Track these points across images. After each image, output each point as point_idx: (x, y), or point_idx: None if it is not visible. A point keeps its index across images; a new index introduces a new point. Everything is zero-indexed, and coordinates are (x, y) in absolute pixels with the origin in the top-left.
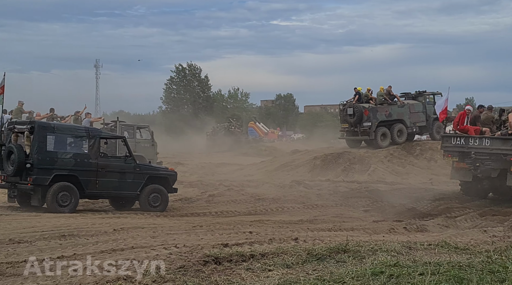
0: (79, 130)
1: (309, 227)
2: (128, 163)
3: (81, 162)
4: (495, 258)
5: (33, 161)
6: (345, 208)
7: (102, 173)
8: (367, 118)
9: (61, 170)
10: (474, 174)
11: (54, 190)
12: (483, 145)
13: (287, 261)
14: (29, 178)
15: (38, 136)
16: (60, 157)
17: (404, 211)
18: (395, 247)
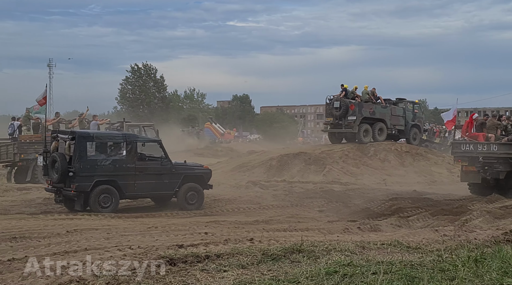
0: (116, 137)
1: (265, 227)
2: (164, 164)
3: (120, 167)
4: (446, 257)
5: (75, 169)
6: (300, 208)
7: (140, 176)
8: (352, 112)
9: (102, 176)
10: (483, 176)
11: (96, 193)
12: (491, 150)
13: (242, 262)
14: (72, 186)
15: (79, 145)
16: (100, 164)
17: (358, 211)
18: (349, 247)
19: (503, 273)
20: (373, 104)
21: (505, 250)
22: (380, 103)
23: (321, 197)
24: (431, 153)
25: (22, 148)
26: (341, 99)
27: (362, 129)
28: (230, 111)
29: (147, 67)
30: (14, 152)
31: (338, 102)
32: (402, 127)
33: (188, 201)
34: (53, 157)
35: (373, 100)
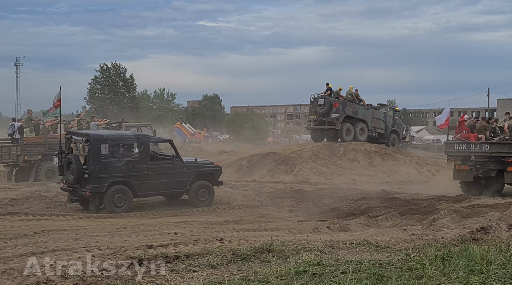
0: (129, 138)
1: (235, 227)
2: (176, 163)
3: (133, 168)
4: (414, 256)
5: (90, 171)
6: (270, 208)
7: (152, 175)
8: (336, 110)
9: (116, 177)
10: (475, 174)
11: (110, 193)
12: (484, 149)
13: (212, 262)
14: (87, 187)
15: (93, 147)
16: (113, 165)
17: (328, 211)
18: (319, 246)
19: (469, 271)
20: (356, 104)
21: (471, 249)
22: (363, 105)
23: (291, 197)
24: (400, 153)
25: (26, 150)
26: (325, 97)
27: (344, 127)
28: (200, 111)
29: (116, 67)
30: (18, 153)
31: (323, 100)
32: (382, 131)
33: (199, 198)
34: (68, 159)
35: (356, 101)
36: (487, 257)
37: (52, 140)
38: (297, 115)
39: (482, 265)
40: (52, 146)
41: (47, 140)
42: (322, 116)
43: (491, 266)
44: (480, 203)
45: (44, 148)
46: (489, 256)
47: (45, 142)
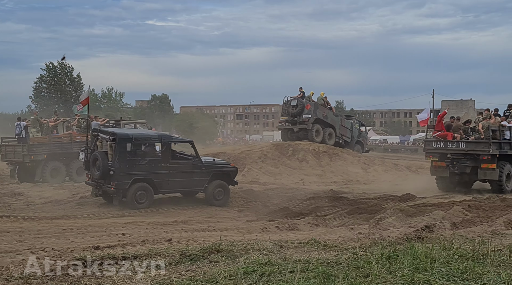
0: (153, 138)
1: (183, 228)
2: (195, 163)
3: (155, 166)
4: (361, 255)
5: (115, 168)
6: (219, 208)
7: (173, 174)
8: (308, 111)
9: (139, 175)
10: (451, 171)
11: (133, 190)
12: (460, 147)
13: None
14: (112, 183)
15: (119, 146)
16: (137, 163)
17: (277, 211)
18: (267, 246)
19: (414, 269)
20: (327, 109)
21: (416, 247)
22: (333, 111)
23: (240, 197)
24: (348, 153)
25: (32, 150)
26: (298, 99)
27: (314, 128)
28: (149, 111)
29: (63, 66)
30: (24, 153)
31: (296, 101)
32: (348, 140)
33: (216, 197)
34: (95, 156)
35: (326, 106)
36: (431, 255)
37: (56, 140)
38: (246, 115)
39: (426, 263)
40: (56, 146)
41: (52, 140)
42: (294, 116)
43: (435, 264)
44: (425, 202)
45: (49, 148)
46: (433, 254)
47: (50, 142)
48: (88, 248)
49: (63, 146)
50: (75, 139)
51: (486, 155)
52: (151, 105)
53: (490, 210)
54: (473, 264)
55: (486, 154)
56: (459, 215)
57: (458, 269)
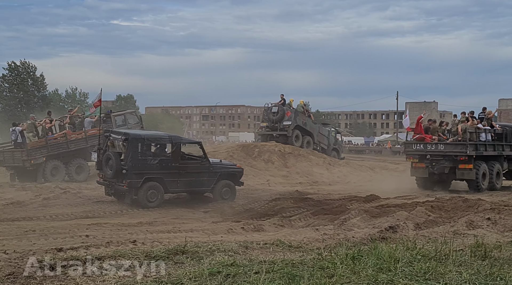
0: (163, 138)
1: (148, 229)
2: (203, 163)
3: (166, 166)
4: (325, 255)
5: (127, 167)
6: (185, 209)
7: (183, 174)
8: (288, 118)
9: (150, 174)
10: (430, 171)
11: (145, 189)
12: (439, 149)
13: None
14: (125, 181)
15: (131, 146)
16: (149, 162)
17: (242, 212)
18: (233, 247)
19: (378, 269)
20: (306, 117)
21: (380, 247)
22: (311, 119)
23: (205, 198)
24: (313, 154)
25: (31, 154)
26: (279, 106)
27: (294, 134)
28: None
29: (26, 65)
30: (23, 158)
31: (276, 108)
32: (325, 146)
33: (223, 196)
34: (108, 155)
35: (306, 114)
36: (395, 255)
37: (53, 141)
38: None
39: (390, 263)
40: (53, 147)
41: (48, 142)
42: (275, 122)
43: (399, 264)
44: (389, 203)
45: (47, 150)
46: (397, 254)
47: (47, 144)
48: (51, 250)
49: (59, 146)
50: (70, 138)
51: (464, 156)
52: (116, 105)
53: (452, 210)
54: (436, 264)
55: (463, 155)
56: (422, 216)
57: (421, 269)
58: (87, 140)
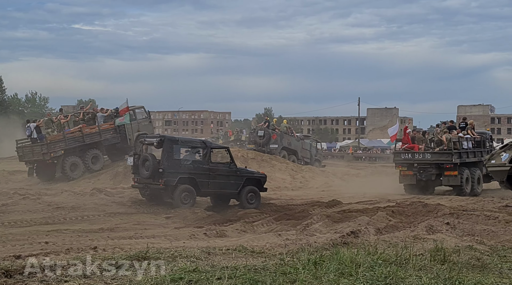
0: (195, 142)
1: (110, 235)
2: (231, 167)
3: (198, 167)
4: (288, 260)
5: (163, 167)
6: (147, 215)
7: (213, 176)
8: (274, 141)
9: (184, 174)
10: (418, 178)
11: (179, 191)
12: (426, 157)
13: (85, 271)
14: (160, 180)
15: (166, 147)
16: (182, 163)
17: (205, 217)
18: (195, 253)
19: (340, 274)
20: (290, 137)
21: (342, 252)
22: (294, 137)
23: (168, 203)
24: (276, 160)
25: (51, 147)
26: (265, 129)
27: (281, 155)
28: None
29: None
30: (43, 151)
31: (262, 131)
32: (308, 160)
33: (248, 201)
34: (145, 157)
35: (289, 133)
36: (356, 260)
37: (70, 135)
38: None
39: (351, 268)
40: (70, 140)
41: (66, 136)
42: (262, 146)
43: (360, 269)
44: (350, 208)
45: (65, 143)
46: (358, 259)
47: (64, 138)
48: (9, 257)
49: (76, 139)
50: (85, 132)
51: (450, 163)
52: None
53: (413, 215)
54: (396, 269)
55: (449, 163)
56: (383, 221)
57: (382, 273)
58: (101, 134)
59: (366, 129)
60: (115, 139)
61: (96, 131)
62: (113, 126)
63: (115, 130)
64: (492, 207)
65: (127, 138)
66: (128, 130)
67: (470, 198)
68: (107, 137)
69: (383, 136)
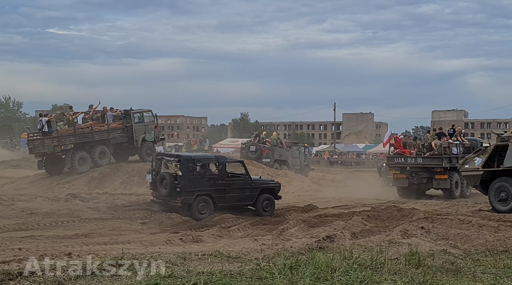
0: (210, 158)
1: (84, 241)
2: (246, 180)
3: (214, 183)
4: (264, 265)
5: (181, 185)
6: (122, 221)
7: (228, 190)
8: (266, 155)
9: (200, 191)
10: (410, 181)
11: (196, 203)
12: (418, 162)
13: (59, 278)
14: (178, 199)
15: (184, 166)
16: (199, 181)
17: (181, 223)
18: (171, 258)
19: (316, 279)
20: (280, 148)
21: (318, 257)
22: (284, 147)
23: (144, 209)
24: (252, 165)
25: (61, 140)
26: (256, 144)
27: (274, 167)
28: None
29: None
30: (54, 144)
31: (254, 146)
32: (298, 167)
33: (264, 209)
34: (162, 176)
35: (279, 145)
36: (332, 265)
37: (80, 130)
38: None
39: (327, 273)
40: (80, 135)
41: (76, 131)
42: (254, 160)
43: (336, 273)
44: (326, 212)
45: (74, 138)
46: (334, 263)
47: (75, 132)
48: None
49: (85, 135)
50: (95, 129)
51: (440, 168)
52: None
53: (388, 220)
54: (371, 273)
55: (440, 167)
56: (359, 225)
57: (357, 278)
58: (110, 132)
59: (342, 134)
60: (123, 138)
61: (105, 129)
62: (122, 126)
63: (123, 130)
64: (466, 211)
65: (134, 139)
66: (135, 132)
67: (445, 203)
68: (115, 135)
69: (359, 141)
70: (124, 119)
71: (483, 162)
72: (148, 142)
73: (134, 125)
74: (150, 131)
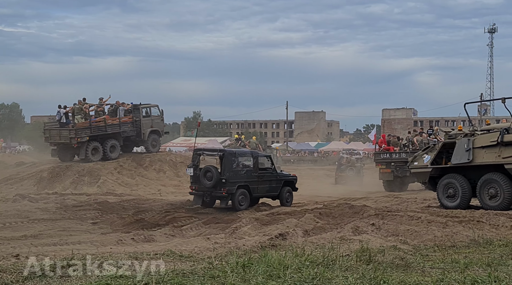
0: (247, 153)
1: (33, 242)
2: (273, 173)
3: (250, 175)
4: (216, 264)
5: (225, 177)
6: (73, 221)
7: (260, 182)
8: None
9: (241, 182)
10: (395, 175)
11: (238, 195)
12: (401, 157)
13: (7, 280)
14: (223, 189)
15: (227, 159)
16: (239, 173)
17: (133, 222)
18: (122, 258)
19: (268, 276)
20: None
21: (270, 255)
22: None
23: (95, 209)
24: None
25: (78, 133)
26: (237, 148)
27: None
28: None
29: None
30: (71, 136)
31: None
32: None
33: (286, 200)
34: (207, 168)
35: (257, 149)
36: (284, 262)
37: (95, 123)
38: None
39: (279, 270)
40: (95, 128)
41: (92, 124)
42: None
43: (288, 271)
44: (279, 210)
45: (90, 130)
46: (286, 261)
47: (90, 125)
48: None
49: (99, 128)
50: (108, 122)
51: None
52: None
53: (339, 217)
54: (323, 270)
55: None
56: (311, 223)
57: (309, 275)
58: (121, 126)
59: (294, 132)
60: (132, 132)
61: (117, 123)
62: (132, 120)
63: (132, 124)
64: (415, 207)
65: (141, 133)
66: (143, 125)
67: (395, 199)
68: (125, 129)
69: (311, 139)
70: (132, 113)
71: (431, 159)
72: (153, 135)
73: (142, 119)
74: (157, 125)
